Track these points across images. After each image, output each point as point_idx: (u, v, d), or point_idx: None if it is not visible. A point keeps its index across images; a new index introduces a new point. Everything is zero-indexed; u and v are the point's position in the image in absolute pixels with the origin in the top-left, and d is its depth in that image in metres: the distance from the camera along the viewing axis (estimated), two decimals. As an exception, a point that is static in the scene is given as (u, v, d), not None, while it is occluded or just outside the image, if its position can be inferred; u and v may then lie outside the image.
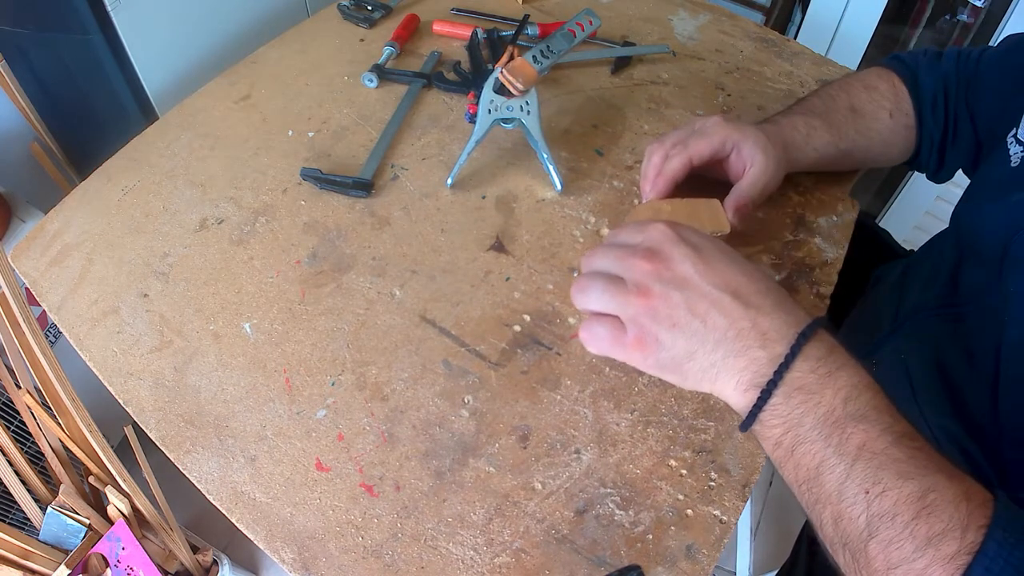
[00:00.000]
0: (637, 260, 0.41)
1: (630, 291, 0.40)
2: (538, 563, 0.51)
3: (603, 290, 0.42)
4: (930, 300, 0.64)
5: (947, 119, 0.67)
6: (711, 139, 0.61)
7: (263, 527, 0.53)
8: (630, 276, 0.41)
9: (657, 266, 0.40)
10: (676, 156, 0.62)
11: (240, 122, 0.81)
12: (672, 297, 0.39)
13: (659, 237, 0.41)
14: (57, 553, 0.83)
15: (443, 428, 0.57)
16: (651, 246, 0.41)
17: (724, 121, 0.62)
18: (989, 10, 1.22)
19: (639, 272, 0.40)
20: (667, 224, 0.42)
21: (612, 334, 0.42)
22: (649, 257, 0.40)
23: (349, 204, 0.73)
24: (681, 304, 0.39)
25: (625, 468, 0.55)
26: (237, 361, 0.62)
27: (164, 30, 0.96)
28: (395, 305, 0.65)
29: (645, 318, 0.40)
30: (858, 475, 0.35)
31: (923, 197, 1.38)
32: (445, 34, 0.92)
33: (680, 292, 0.39)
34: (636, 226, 0.44)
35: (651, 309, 0.40)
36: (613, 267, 0.42)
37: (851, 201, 0.73)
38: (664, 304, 0.39)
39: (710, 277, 0.39)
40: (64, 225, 0.72)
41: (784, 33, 1.31)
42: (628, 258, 0.41)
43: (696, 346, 0.40)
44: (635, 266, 0.41)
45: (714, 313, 0.39)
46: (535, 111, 0.70)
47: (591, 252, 0.45)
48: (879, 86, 0.69)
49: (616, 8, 0.96)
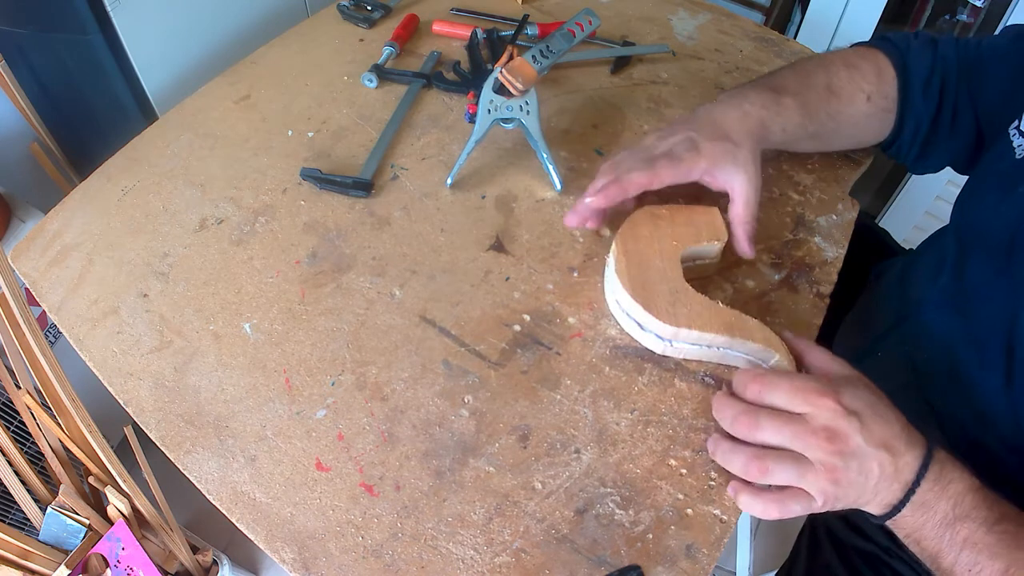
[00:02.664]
0: (819, 441, 0.47)
1: (820, 471, 0.47)
2: (538, 563, 0.51)
3: (794, 469, 0.48)
4: (934, 294, 0.64)
5: (941, 107, 0.65)
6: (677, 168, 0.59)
7: (263, 527, 0.53)
8: (815, 456, 0.47)
9: (838, 445, 0.47)
10: (638, 171, 0.59)
11: (240, 122, 0.81)
12: (851, 466, 0.47)
13: (832, 414, 0.47)
14: (57, 553, 0.83)
15: (443, 428, 0.57)
16: (827, 425, 0.47)
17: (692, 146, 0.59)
18: (989, 10, 1.22)
19: (825, 454, 0.47)
20: (830, 395, 0.47)
21: (805, 506, 0.49)
22: (830, 438, 0.47)
23: (349, 204, 0.73)
24: (856, 469, 0.47)
25: (625, 468, 0.55)
26: (237, 361, 0.62)
27: (164, 30, 0.96)
28: (395, 305, 0.65)
29: (829, 486, 0.47)
30: (964, 560, 0.47)
31: (923, 197, 1.38)
32: (445, 34, 0.92)
33: (856, 460, 0.47)
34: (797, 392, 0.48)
35: (835, 480, 0.47)
36: (790, 445, 0.48)
37: (851, 200, 0.73)
38: (844, 473, 0.47)
39: (873, 440, 0.47)
40: (64, 225, 0.72)
41: (784, 33, 1.31)
42: (810, 440, 0.47)
43: (861, 493, 0.48)
44: (821, 448, 0.47)
45: (875, 468, 0.47)
46: (535, 111, 0.70)
47: (755, 422, 0.49)
48: (861, 66, 0.65)
49: (616, 8, 0.96)
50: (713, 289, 0.65)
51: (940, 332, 0.62)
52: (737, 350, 0.57)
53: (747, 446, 0.50)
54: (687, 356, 0.59)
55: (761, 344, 0.55)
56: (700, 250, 0.61)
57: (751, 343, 0.55)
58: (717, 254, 0.62)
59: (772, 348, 0.55)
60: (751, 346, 0.56)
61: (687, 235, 0.61)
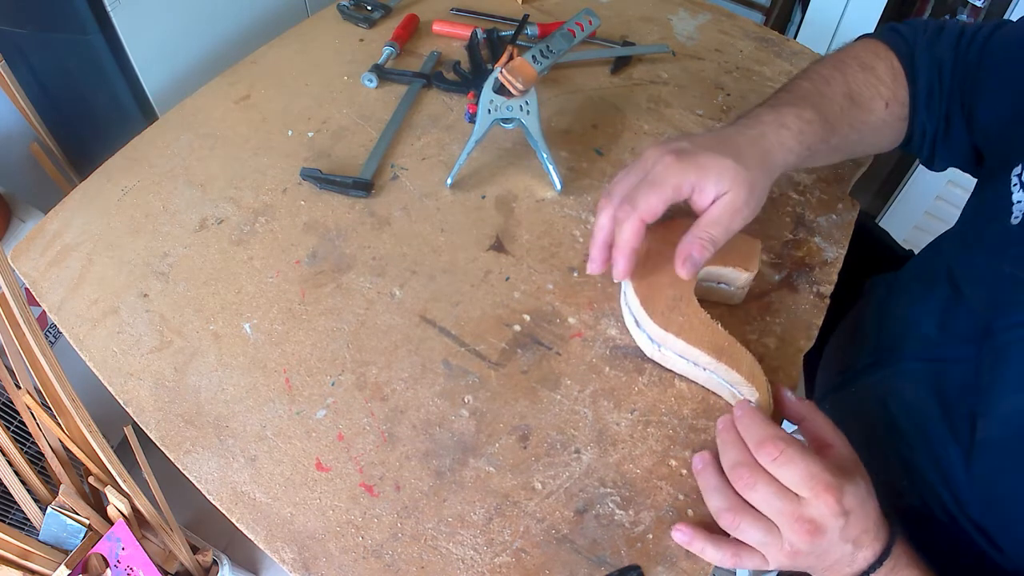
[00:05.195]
0: (801, 529, 0.46)
1: (784, 548, 0.47)
2: (538, 563, 0.51)
3: (761, 537, 0.47)
4: (914, 345, 0.61)
5: (939, 113, 0.60)
6: (662, 190, 0.51)
7: (263, 527, 0.53)
8: (787, 536, 0.47)
9: (816, 539, 0.46)
10: (626, 221, 0.52)
11: (240, 122, 0.81)
12: (815, 551, 0.47)
13: (827, 511, 0.46)
14: (57, 553, 0.83)
15: (443, 428, 0.57)
16: (816, 520, 0.46)
17: (675, 160, 0.51)
18: (989, 10, 1.22)
19: (797, 540, 0.46)
20: (835, 494, 0.46)
21: (757, 566, 0.49)
22: (812, 532, 0.46)
23: (349, 204, 0.73)
24: (818, 554, 0.47)
25: (625, 468, 0.55)
26: (237, 361, 0.62)
27: (164, 30, 0.96)
28: (395, 305, 0.65)
29: (787, 560, 0.48)
30: None
31: (923, 197, 1.38)
32: (445, 34, 0.92)
33: (823, 549, 0.47)
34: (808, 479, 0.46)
35: (794, 557, 0.47)
36: (773, 516, 0.47)
37: (851, 200, 0.73)
38: (805, 557, 0.47)
39: (846, 536, 0.46)
40: (64, 225, 0.72)
41: (784, 33, 1.31)
42: (793, 524, 0.46)
43: (814, 567, 0.49)
44: (797, 534, 0.46)
45: (836, 555, 0.47)
46: (535, 111, 0.70)
47: (754, 483, 0.47)
48: (877, 67, 0.60)
49: (616, 8, 0.96)
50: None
51: (914, 386, 0.59)
52: (721, 376, 0.56)
53: (732, 491, 0.49)
54: (673, 368, 0.59)
55: (744, 378, 0.54)
56: (724, 273, 0.60)
57: (735, 373, 0.54)
58: (743, 285, 0.61)
59: (755, 386, 0.54)
60: (734, 376, 0.54)
61: (716, 255, 0.56)
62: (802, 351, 0.62)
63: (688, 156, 0.52)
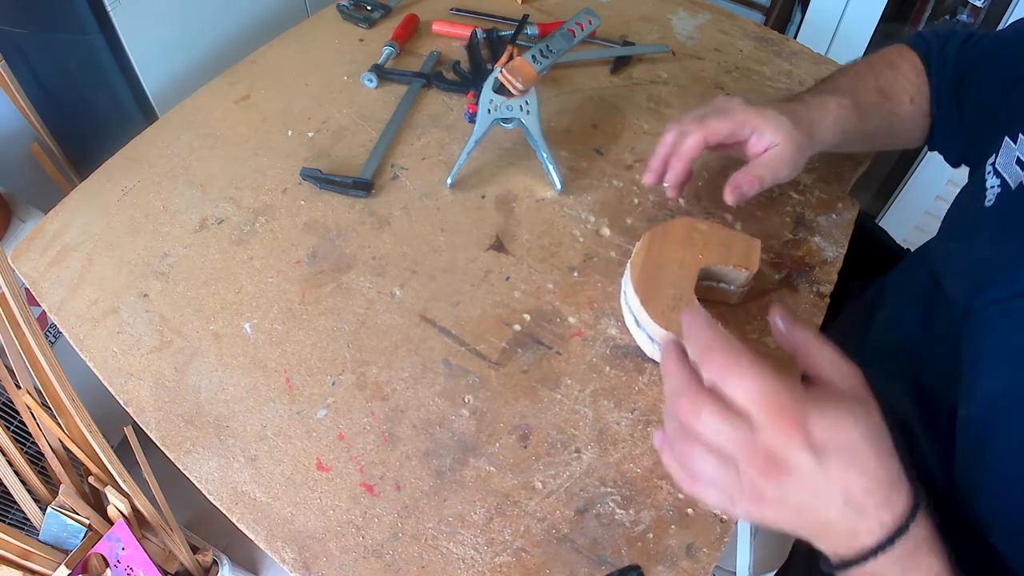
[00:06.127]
0: (757, 462, 0.38)
1: (744, 491, 0.39)
2: (539, 562, 0.51)
3: (716, 472, 0.39)
4: (899, 341, 0.61)
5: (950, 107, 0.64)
6: (730, 119, 0.59)
7: (263, 527, 0.53)
8: (745, 473, 0.39)
9: (778, 477, 0.38)
10: (692, 134, 0.60)
11: (240, 122, 0.81)
12: (787, 499, 0.38)
13: (785, 440, 0.37)
14: (57, 553, 0.83)
15: (443, 427, 0.57)
16: (773, 449, 0.37)
17: (746, 103, 0.60)
18: (989, 10, 1.22)
19: (756, 475, 0.38)
20: (794, 422, 0.37)
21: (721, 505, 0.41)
22: (770, 466, 0.37)
23: (349, 204, 0.73)
24: (793, 506, 0.39)
25: (625, 467, 0.55)
26: (237, 361, 0.62)
27: (164, 30, 0.96)
28: (395, 305, 0.65)
29: (754, 508, 0.39)
30: None
31: (923, 197, 1.38)
32: (444, 34, 0.92)
33: (795, 497, 0.38)
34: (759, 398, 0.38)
35: (762, 506, 0.39)
36: (727, 449, 0.39)
37: (851, 200, 0.73)
38: (777, 504, 0.39)
39: (827, 485, 0.38)
40: (64, 225, 0.72)
41: (784, 33, 1.31)
42: (747, 454, 0.38)
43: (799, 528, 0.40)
44: (753, 467, 0.38)
45: (819, 515, 0.39)
46: (534, 111, 0.70)
47: (698, 408, 0.39)
48: (902, 66, 0.66)
49: (615, 7, 0.97)
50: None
51: (896, 385, 0.57)
52: None
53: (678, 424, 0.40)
54: None
55: None
56: (725, 272, 0.60)
57: None
58: (743, 284, 0.61)
59: None
60: None
61: (716, 253, 0.60)
62: (802, 351, 0.62)
63: (756, 104, 0.59)
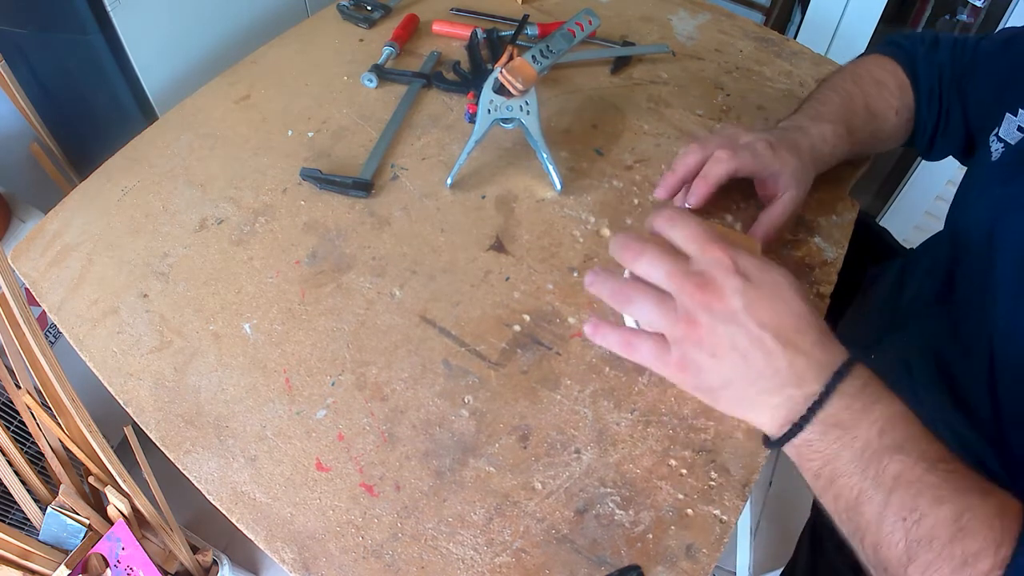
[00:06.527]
0: (690, 286, 0.41)
1: (679, 317, 0.41)
2: (538, 563, 0.51)
3: (652, 309, 0.42)
4: (928, 296, 0.65)
5: (940, 109, 0.68)
6: (754, 162, 0.61)
7: (263, 527, 0.53)
8: (680, 301, 0.41)
9: (709, 297, 0.40)
10: (723, 162, 0.61)
11: (240, 122, 0.81)
12: (717, 330, 0.40)
13: (715, 264, 0.41)
14: (57, 553, 0.83)
15: (443, 428, 0.57)
16: (705, 273, 0.41)
17: (770, 149, 0.62)
18: (989, 10, 1.22)
19: (689, 299, 0.41)
20: (725, 251, 0.41)
21: (655, 352, 0.43)
22: (702, 287, 0.41)
23: (349, 204, 0.73)
24: (724, 337, 0.40)
25: (625, 468, 0.55)
26: (237, 361, 0.62)
27: (164, 30, 0.96)
28: (395, 305, 0.65)
29: (689, 344, 0.41)
30: (895, 504, 0.37)
31: (923, 197, 1.38)
32: (444, 34, 0.92)
33: (725, 326, 0.40)
34: (696, 237, 0.43)
35: (696, 338, 0.41)
36: (663, 283, 0.42)
37: (851, 201, 0.73)
38: (709, 335, 0.41)
39: (756, 314, 0.40)
40: (64, 225, 0.72)
41: (784, 33, 1.31)
42: (681, 281, 0.41)
43: (734, 378, 0.41)
44: (687, 292, 0.41)
45: (754, 351, 0.40)
46: (535, 111, 0.70)
47: (641, 250, 0.43)
48: (887, 82, 0.69)
49: (616, 8, 0.96)
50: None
51: (931, 332, 0.62)
52: None
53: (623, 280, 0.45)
54: None
55: None
56: None
57: None
58: None
59: None
60: None
61: None
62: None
63: (777, 150, 0.61)
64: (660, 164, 0.76)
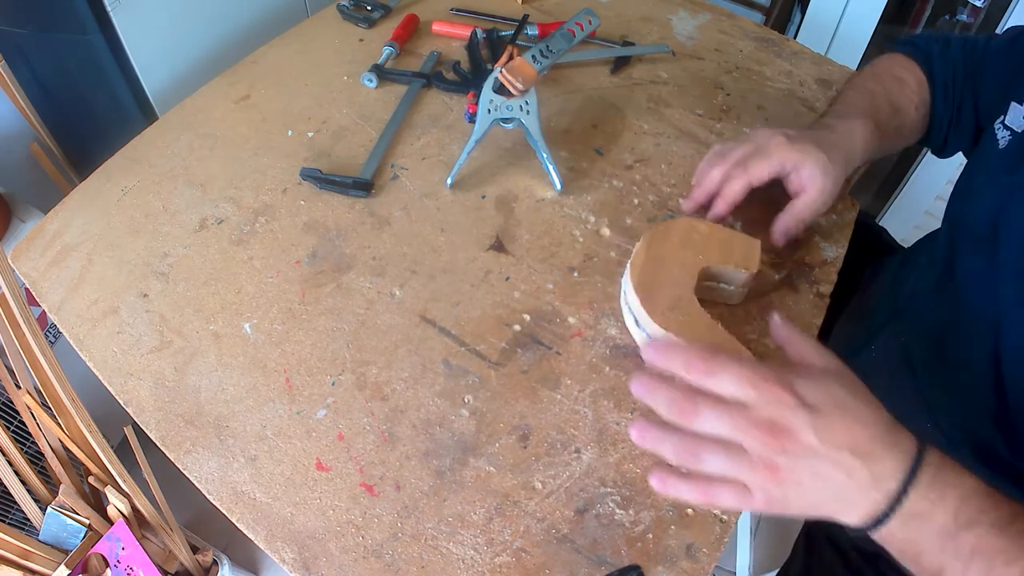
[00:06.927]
0: (760, 435, 0.41)
1: (756, 465, 0.41)
2: (538, 562, 0.51)
3: (726, 463, 0.42)
4: (928, 285, 0.66)
5: (953, 104, 0.70)
6: (771, 161, 0.62)
7: (263, 527, 0.53)
8: (753, 449, 0.41)
9: (782, 441, 0.41)
10: (737, 179, 0.62)
11: (240, 122, 0.81)
12: (797, 467, 0.41)
13: (777, 405, 0.41)
14: (57, 553, 0.83)
15: (443, 428, 0.57)
16: (772, 417, 0.41)
17: (786, 141, 0.62)
18: (988, 10, 1.22)
19: (764, 448, 0.41)
20: (781, 385, 0.41)
21: (739, 499, 0.43)
22: (773, 433, 0.41)
23: (349, 204, 0.73)
24: (806, 471, 0.41)
25: (625, 467, 0.55)
26: (237, 361, 0.62)
27: (164, 30, 0.96)
28: (395, 305, 0.65)
29: (771, 485, 0.42)
30: (974, 571, 0.41)
31: (922, 197, 1.38)
32: (444, 34, 0.92)
33: (805, 461, 0.41)
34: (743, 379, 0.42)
35: (778, 480, 0.42)
36: (730, 433, 0.42)
37: (851, 200, 0.73)
38: (790, 474, 0.41)
39: (830, 440, 0.41)
40: (64, 225, 0.72)
41: (784, 33, 1.31)
42: (750, 431, 0.41)
43: (819, 500, 0.42)
44: (760, 441, 0.41)
45: (836, 473, 0.41)
46: (534, 111, 0.70)
47: (695, 409, 0.43)
48: (907, 79, 0.70)
49: (616, 8, 0.97)
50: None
51: (932, 321, 0.63)
52: None
53: (680, 432, 0.44)
54: None
55: None
56: (725, 272, 0.60)
57: None
58: (743, 284, 0.61)
59: None
60: None
61: (717, 254, 0.60)
62: (802, 351, 0.62)
63: (796, 141, 0.62)
64: (660, 164, 0.76)
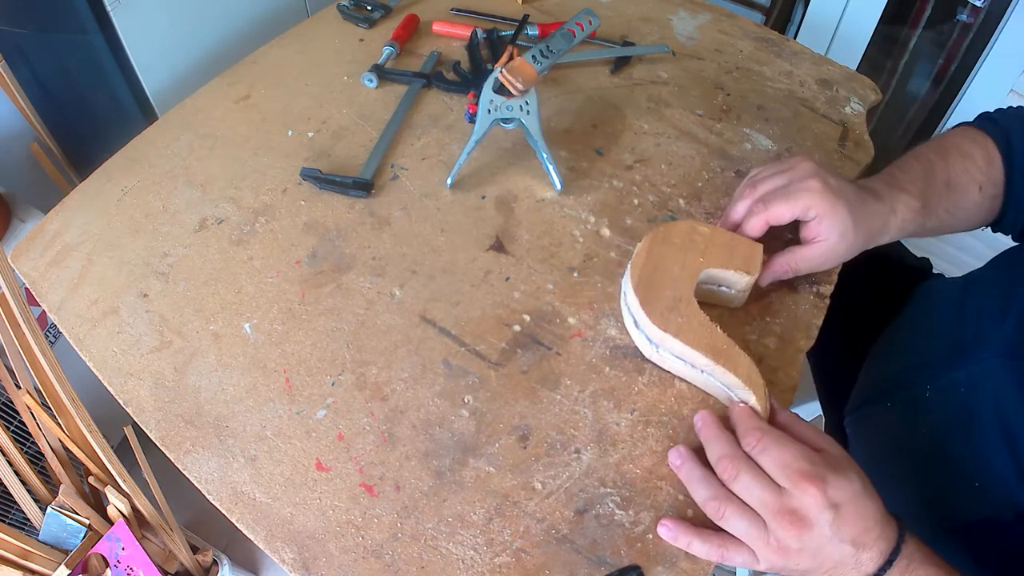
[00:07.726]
0: (784, 521, 0.46)
1: (770, 541, 0.47)
2: (538, 563, 0.51)
3: (745, 531, 0.48)
4: (999, 339, 0.61)
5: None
6: (794, 206, 0.59)
7: (263, 527, 0.53)
8: (772, 527, 0.47)
9: (800, 531, 0.46)
10: (758, 216, 0.61)
11: (240, 122, 0.81)
12: (806, 549, 0.47)
13: (808, 502, 0.46)
14: (57, 553, 0.83)
15: (443, 428, 0.57)
16: (798, 511, 0.46)
17: (821, 187, 0.58)
18: (989, 10, 1.22)
19: (782, 532, 0.47)
20: (817, 485, 0.46)
21: (748, 562, 0.49)
22: (795, 523, 0.46)
23: (349, 204, 0.73)
24: (810, 553, 0.47)
25: (625, 468, 0.55)
26: (237, 361, 0.62)
27: (164, 30, 0.96)
28: (395, 305, 0.65)
29: (777, 559, 0.48)
30: None
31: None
32: (445, 34, 0.92)
33: (815, 547, 0.47)
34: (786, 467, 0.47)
35: (785, 557, 0.47)
36: (757, 508, 0.48)
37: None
38: (796, 555, 0.47)
39: (841, 535, 0.46)
40: (64, 225, 0.72)
41: (784, 33, 1.31)
42: (775, 514, 0.47)
43: (813, 570, 0.48)
44: (781, 525, 0.46)
45: (834, 555, 0.47)
46: (535, 111, 0.70)
47: (736, 473, 0.49)
48: (974, 154, 0.64)
49: (616, 8, 0.97)
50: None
51: (999, 381, 0.59)
52: (718, 379, 0.56)
53: (717, 482, 0.50)
54: (671, 369, 0.59)
55: (742, 380, 0.54)
56: (726, 276, 0.60)
57: (732, 376, 0.54)
58: (744, 288, 0.61)
59: (752, 390, 0.53)
60: (731, 379, 0.54)
61: (718, 257, 0.59)
62: (802, 351, 0.62)
63: (830, 192, 0.58)
64: (660, 164, 0.76)
